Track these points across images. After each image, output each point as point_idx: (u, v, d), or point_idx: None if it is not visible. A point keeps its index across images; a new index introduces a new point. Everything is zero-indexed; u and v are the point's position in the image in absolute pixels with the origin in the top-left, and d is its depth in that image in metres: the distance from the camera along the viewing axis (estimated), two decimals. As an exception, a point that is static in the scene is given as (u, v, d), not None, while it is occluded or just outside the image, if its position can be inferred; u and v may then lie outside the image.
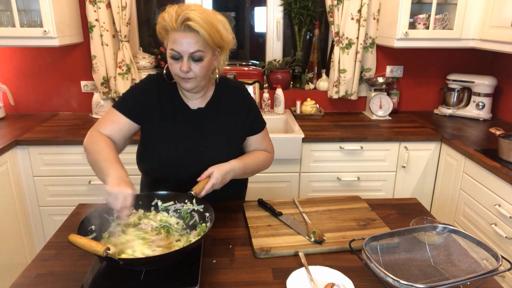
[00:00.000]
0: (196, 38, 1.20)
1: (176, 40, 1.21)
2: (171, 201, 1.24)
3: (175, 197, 1.24)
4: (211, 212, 1.15)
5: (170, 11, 1.20)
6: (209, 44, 1.22)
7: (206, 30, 1.18)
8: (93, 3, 2.48)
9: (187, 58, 1.22)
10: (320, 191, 2.43)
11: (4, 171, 2.15)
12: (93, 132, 1.30)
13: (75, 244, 0.95)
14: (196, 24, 1.17)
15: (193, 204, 1.22)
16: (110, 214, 1.15)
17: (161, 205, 1.24)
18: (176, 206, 1.24)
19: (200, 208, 1.21)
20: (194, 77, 1.26)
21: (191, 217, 1.21)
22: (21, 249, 2.32)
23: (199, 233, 1.13)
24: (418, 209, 1.48)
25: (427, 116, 2.79)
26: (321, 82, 2.84)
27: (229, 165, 1.31)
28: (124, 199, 1.05)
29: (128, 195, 1.05)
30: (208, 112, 1.39)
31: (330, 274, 1.06)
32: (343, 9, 2.56)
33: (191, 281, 1.00)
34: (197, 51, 1.21)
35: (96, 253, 0.92)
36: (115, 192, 1.04)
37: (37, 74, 2.73)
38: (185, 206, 1.23)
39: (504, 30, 2.15)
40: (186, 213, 1.22)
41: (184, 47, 1.20)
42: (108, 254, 0.92)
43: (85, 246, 0.94)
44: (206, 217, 1.17)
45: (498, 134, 1.94)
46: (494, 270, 0.94)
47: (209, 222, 1.14)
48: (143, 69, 2.71)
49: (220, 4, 3.01)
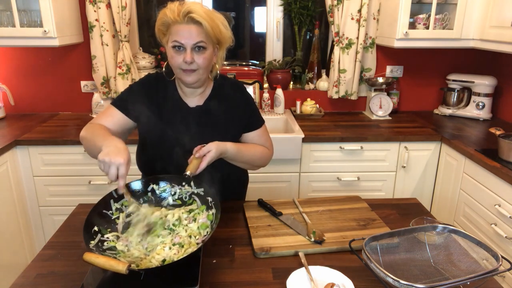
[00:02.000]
0: (199, 29, 1.23)
1: (179, 31, 1.23)
2: (167, 184, 1.22)
3: (170, 180, 1.22)
4: (213, 197, 1.13)
5: (171, 6, 1.24)
6: (210, 36, 1.25)
7: (208, 22, 1.22)
8: (93, 3, 2.48)
9: (190, 49, 1.24)
10: (320, 191, 2.43)
11: (4, 171, 2.15)
12: (88, 124, 1.34)
13: (93, 264, 0.92)
14: (199, 16, 1.21)
15: (192, 187, 1.21)
16: (108, 209, 1.15)
17: (157, 189, 1.22)
18: (173, 190, 1.22)
19: (200, 192, 1.19)
20: (197, 68, 1.27)
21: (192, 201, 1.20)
22: (21, 249, 2.32)
23: (204, 224, 1.11)
24: (418, 209, 1.48)
25: (427, 116, 2.79)
26: (321, 82, 2.84)
27: (224, 147, 1.30)
28: (116, 168, 1.04)
29: (120, 164, 1.04)
30: (206, 110, 1.40)
31: (330, 274, 1.06)
32: (343, 9, 2.56)
33: (191, 281, 1.00)
34: (200, 41, 1.24)
35: (118, 271, 0.90)
36: (107, 161, 1.04)
37: (37, 74, 2.73)
38: (183, 188, 1.21)
39: (504, 30, 2.15)
40: (186, 196, 1.21)
41: (187, 38, 1.23)
42: (130, 270, 0.90)
43: (105, 266, 0.91)
44: (209, 202, 1.16)
45: (498, 134, 1.94)
46: (494, 270, 0.94)
47: (213, 208, 1.12)
48: (143, 69, 2.71)
49: (220, 4, 3.01)
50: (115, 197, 1.17)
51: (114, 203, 1.17)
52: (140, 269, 0.92)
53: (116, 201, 1.17)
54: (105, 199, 1.16)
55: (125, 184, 1.09)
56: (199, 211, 1.16)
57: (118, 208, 1.17)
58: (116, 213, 1.16)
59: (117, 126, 1.35)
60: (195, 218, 1.14)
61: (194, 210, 1.17)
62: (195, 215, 1.15)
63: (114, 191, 1.15)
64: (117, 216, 1.15)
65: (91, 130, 1.27)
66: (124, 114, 1.36)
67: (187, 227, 1.11)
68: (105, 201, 1.16)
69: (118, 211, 1.16)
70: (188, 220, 1.13)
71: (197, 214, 1.15)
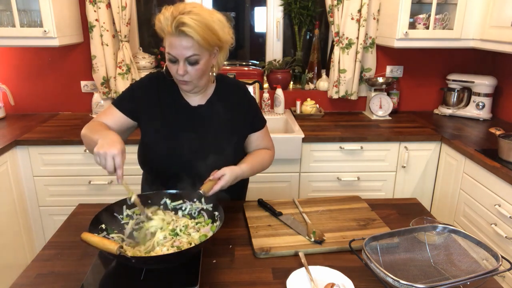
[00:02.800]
0: (191, 42, 1.19)
1: (172, 44, 1.21)
2: (180, 200, 1.25)
3: (184, 196, 1.25)
4: (220, 211, 1.15)
5: (165, 13, 1.19)
6: (204, 47, 1.22)
7: (201, 34, 1.17)
8: (93, 3, 2.48)
9: (183, 62, 1.23)
10: (320, 191, 2.43)
11: (4, 171, 2.15)
12: (89, 122, 1.35)
13: (88, 242, 0.95)
14: (191, 30, 1.16)
15: (202, 203, 1.23)
16: (119, 213, 1.17)
17: (170, 204, 1.24)
18: (185, 205, 1.24)
19: (209, 207, 1.22)
20: (190, 80, 1.27)
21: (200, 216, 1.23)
22: (21, 249, 2.32)
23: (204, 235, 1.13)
24: (418, 209, 1.48)
25: (427, 116, 2.79)
26: (321, 82, 2.84)
27: (240, 170, 1.32)
28: (112, 158, 1.05)
29: (115, 154, 1.05)
30: (208, 109, 1.39)
31: (330, 274, 1.06)
32: (343, 9, 2.56)
33: (191, 281, 1.00)
34: (193, 55, 1.22)
35: (109, 251, 0.93)
36: (101, 153, 1.05)
37: (37, 74, 2.73)
38: (194, 205, 1.24)
39: (504, 30, 2.15)
40: (196, 212, 1.23)
41: (179, 51, 1.21)
42: (121, 252, 0.93)
43: (98, 244, 0.94)
44: (216, 216, 1.18)
45: (498, 134, 1.94)
46: (494, 270, 0.94)
47: (218, 221, 1.15)
48: (143, 69, 2.71)
49: (220, 4, 3.01)
50: (128, 204, 1.18)
51: (126, 209, 1.19)
52: (130, 257, 0.94)
53: (129, 208, 1.20)
54: (119, 203, 1.19)
55: (123, 174, 1.08)
56: (205, 224, 1.19)
57: (129, 215, 1.19)
58: (126, 218, 1.18)
59: (117, 125, 1.35)
60: (199, 228, 1.17)
61: (201, 223, 1.20)
62: (200, 226, 1.18)
63: (128, 199, 1.16)
64: (126, 222, 1.17)
65: (90, 128, 1.28)
66: (124, 114, 1.36)
67: (189, 236, 1.13)
68: (119, 205, 1.19)
69: (129, 217, 1.19)
70: (194, 229, 1.16)
71: (202, 226, 1.18)
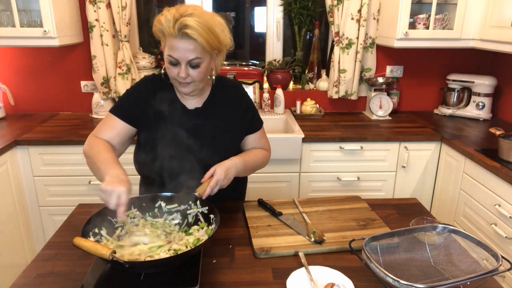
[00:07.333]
0: (194, 45, 1.18)
1: (174, 46, 1.19)
2: (175, 203, 1.24)
3: (179, 199, 1.24)
4: (216, 214, 1.15)
5: (167, 14, 1.18)
6: (207, 50, 1.21)
7: (204, 37, 1.17)
8: (93, 3, 2.48)
9: (185, 65, 1.22)
10: (320, 191, 2.43)
11: (4, 171, 2.15)
12: (92, 137, 1.32)
13: (80, 247, 0.94)
14: (194, 32, 1.15)
15: (197, 206, 1.22)
16: (114, 216, 1.16)
17: (164, 207, 1.24)
18: (180, 208, 1.24)
19: (205, 210, 1.21)
20: (192, 81, 1.26)
21: (196, 219, 1.22)
22: (21, 249, 2.32)
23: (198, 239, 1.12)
24: (418, 209, 1.48)
25: (427, 116, 2.79)
26: (321, 82, 2.84)
27: (230, 161, 1.31)
28: (118, 196, 1.05)
29: (121, 192, 1.05)
30: (205, 112, 1.39)
31: (330, 274, 1.06)
32: (343, 9, 2.56)
33: (191, 281, 1.00)
34: (195, 58, 1.21)
35: (102, 256, 0.92)
36: (108, 189, 1.05)
37: (37, 74, 2.73)
38: (189, 208, 1.23)
39: (504, 30, 2.15)
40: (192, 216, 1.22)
41: (182, 54, 1.19)
42: (114, 257, 0.91)
43: (90, 249, 0.93)
44: (211, 219, 1.17)
45: (498, 134, 1.94)
46: (494, 270, 0.94)
47: (213, 224, 1.14)
48: (143, 69, 2.71)
49: (220, 4, 3.00)
50: (114, 223, 1.17)
51: None
52: (124, 262, 0.93)
53: None
54: None
55: (125, 212, 1.08)
56: (200, 228, 1.18)
57: None
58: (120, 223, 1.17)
59: (120, 136, 1.34)
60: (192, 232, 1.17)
61: (191, 233, 1.19)
62: (194, 230, 1.18)
63: (114, 220, 1.16)
64: (120, 225, 1.17)
65: (95, 149, 1.25)
66: (124, 122, 1.34)
67: (185, 239, 1.13)
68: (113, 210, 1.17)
69: None
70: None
71: (196, 231, 1.17)
